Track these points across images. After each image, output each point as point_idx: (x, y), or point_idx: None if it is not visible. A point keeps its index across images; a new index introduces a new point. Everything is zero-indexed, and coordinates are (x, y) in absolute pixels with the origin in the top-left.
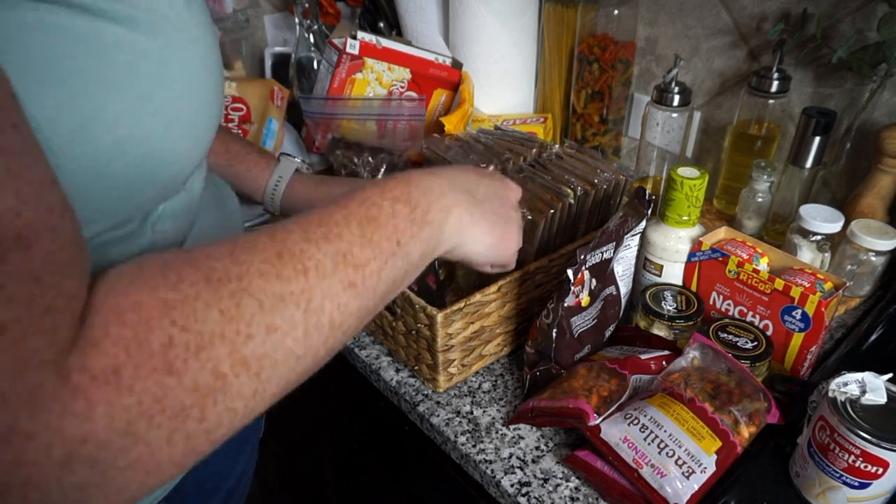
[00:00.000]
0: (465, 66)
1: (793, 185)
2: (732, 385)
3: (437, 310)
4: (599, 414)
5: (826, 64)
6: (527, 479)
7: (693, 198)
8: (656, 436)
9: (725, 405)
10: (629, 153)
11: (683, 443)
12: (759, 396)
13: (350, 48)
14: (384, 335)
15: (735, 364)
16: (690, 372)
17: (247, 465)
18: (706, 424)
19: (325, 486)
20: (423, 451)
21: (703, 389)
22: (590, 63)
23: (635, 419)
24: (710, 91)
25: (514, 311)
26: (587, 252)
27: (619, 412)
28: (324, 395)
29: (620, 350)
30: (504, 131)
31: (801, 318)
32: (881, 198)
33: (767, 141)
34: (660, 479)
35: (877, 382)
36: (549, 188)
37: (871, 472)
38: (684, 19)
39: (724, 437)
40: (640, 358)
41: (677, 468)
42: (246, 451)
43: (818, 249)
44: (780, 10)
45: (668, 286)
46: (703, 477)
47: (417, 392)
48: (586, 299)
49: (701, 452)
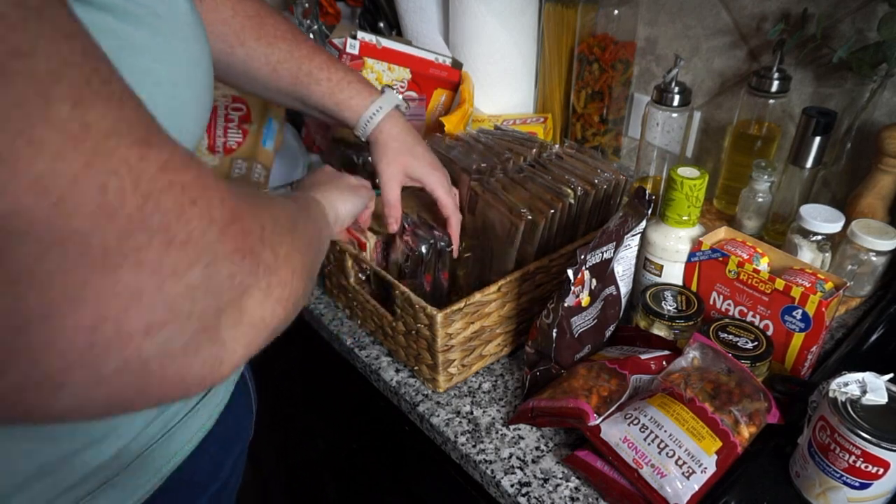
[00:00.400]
0: (465, 66)
1: (793, 185)
2: (732, 385)
3: (437, 310)
4: (599, 414)
5: (826, 64)
6: (527, 479)
7: (693, 198)
8: (656, 436)
9: (725, 405)
10: (629, 153)
11: (683, 443)
12: (760, 396)
13: (350, 48)
14: (384, 335)
15: (735, 364)
16: (690, 372)
17: (234, 467)
18: (706, 424)
19: (324, 486)
20: (423, 451)
21: (703, 389)
22: (590, 63)
23: (635, 419)
24: (710, 91)
25: (514, 311)
26: (587, 252)
27: (619, 412)
28: (324, 395)
29: (620, 350)
30: (504, 131)
31: (801, 318)
32: (881, 198)
33: (767, 141)
34: (660, 480)
35: (877, 382)
36: (549, 188)
37: (871, 472)
38: (684, 19)
39: (724, 437)
40: (640, 358)
41: (677, 468)
42: (234, 451)
43: (818, 249)
44: (780, 10)
45: (669, 286)
46: (704, 477)
47: (417, 392)
48: (586, 299)
49: (701, 452)
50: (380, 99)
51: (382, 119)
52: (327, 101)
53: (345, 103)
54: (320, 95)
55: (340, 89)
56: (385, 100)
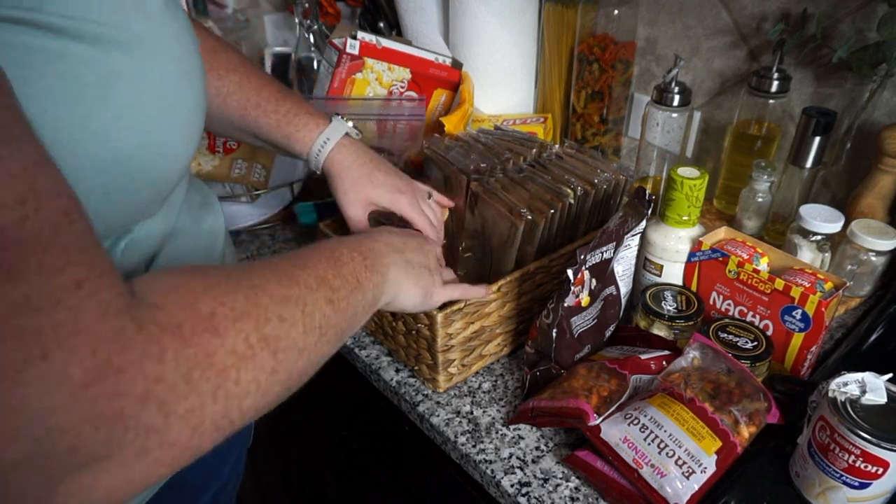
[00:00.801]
0: (465, 66)
1: (793, 185)
2: (732, 385)
3: (437, 310)
4: (599, 414)
5: (826, 64)
6: (527, 479)
7: (693, 198)
8: (656, 436)
9: (725, 405)
10: (629, 153)
11: (683, 443)
12: (760, 396)
13: (350, 48)
14: (384, 335)
15: (735, 364)
16: (690, 372)
17: (233, 470)
18: (706, 424)
19: (324, 486)
20: (423, 451)
21: (703, 389)
22: (590, 63)
23: (635, 419)
24: (710, 91)
25: (514, 311)
26: (587, 252)
27: (619, 412)
28: (324, 395)
29: (620, 350)
30: (504, 131)
31: (801, 318)
32: (881, 198)
33: (767, 141)
34: (660, 479)
35: (877, 382)
36: (549, 188)
37: (871, 472)
38: (684, 19)
39: (724, 437)
40: (641, 358)
41: (677, 468)
42: (232, 455)
43: (818, 249)
44: (780, 10)
45: (669, 286)
46: (704, 477)
47: (417, 392)
48: (586, 299)
49: (701, 452)
50: (327, 130)
51: (332, 150)
52: (276, 133)
53: (293, 136)
54: (268, 128)
55: (288, 121)
56: (332, 130)
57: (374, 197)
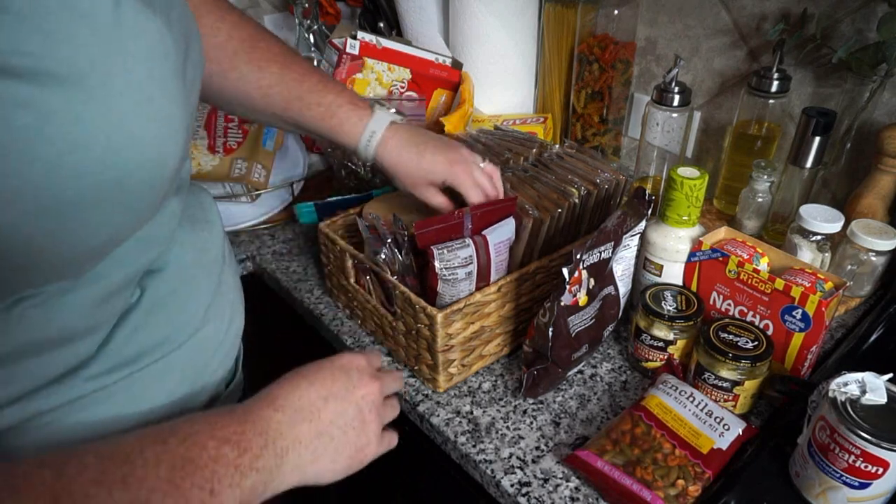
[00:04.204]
0: (465, 66)
1: (793, 185)
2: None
3: (437, 310)
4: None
5: (826, 64)
6: (527, 479)
7: (693, 198)
8: None
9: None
10: (629, 153)
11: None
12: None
13: (350, 48)
14: (384, 335)
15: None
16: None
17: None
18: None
19: (324, 485)
20: (423, 451)
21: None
22: (590, 63)
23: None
24: (710, 91)
25: (513, 311)
26: (583, 251)
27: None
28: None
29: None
30: (504, 131)
31: (801, 317)
32: (881, 198)
33: (767, 141)
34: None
35: (877, 382)
36: (555, 188)
37: (871, 472)
38: (684, 19)
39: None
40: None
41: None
42: None
43: (818, 249)
44: (780, 10)
45: (668, 286)
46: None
47: (417, 392)
48: (584, 299)
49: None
50: (371, 122)
51: (378, 143)
52: (320, 126)
53: (337, 129)
54: (312, 121)
55: (331, 114)
56: (376, 121)
57: (432, 177)
